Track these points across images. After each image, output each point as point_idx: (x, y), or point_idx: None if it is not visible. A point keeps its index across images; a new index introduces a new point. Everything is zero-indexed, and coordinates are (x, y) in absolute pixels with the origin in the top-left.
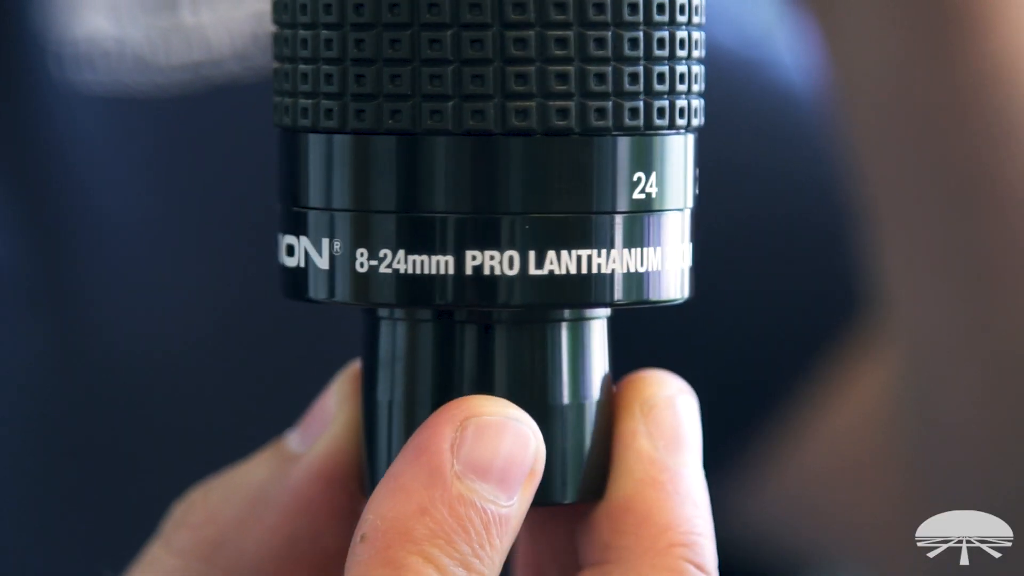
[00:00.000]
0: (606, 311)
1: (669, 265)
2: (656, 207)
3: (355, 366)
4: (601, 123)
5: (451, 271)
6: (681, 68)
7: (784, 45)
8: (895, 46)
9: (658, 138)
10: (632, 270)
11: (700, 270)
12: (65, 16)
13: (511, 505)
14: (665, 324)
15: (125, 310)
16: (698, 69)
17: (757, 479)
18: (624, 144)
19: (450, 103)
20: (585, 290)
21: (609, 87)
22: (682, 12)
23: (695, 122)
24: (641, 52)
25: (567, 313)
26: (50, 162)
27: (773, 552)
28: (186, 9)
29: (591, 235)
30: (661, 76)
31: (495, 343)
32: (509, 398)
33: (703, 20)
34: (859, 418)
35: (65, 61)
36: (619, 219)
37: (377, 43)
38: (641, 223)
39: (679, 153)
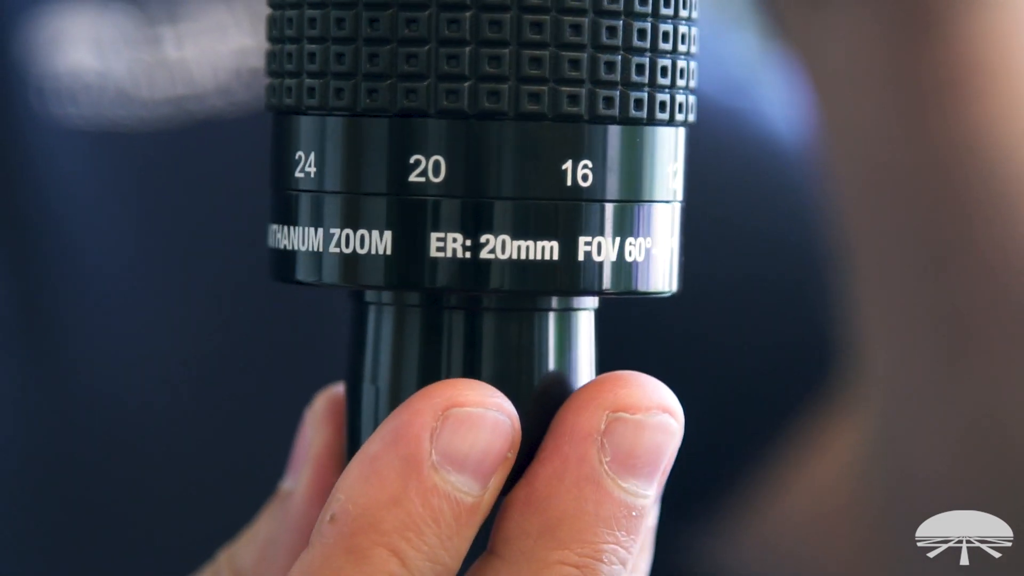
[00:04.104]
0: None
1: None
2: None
3: (327, 391)
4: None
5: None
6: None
7: (768, 93)
8: (880, 106)
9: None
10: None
11: (678, 325)
12: (48, 50)
13: (483, 495)
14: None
15: (106, 346)
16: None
17: (733, 528)
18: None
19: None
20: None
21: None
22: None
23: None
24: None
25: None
26: (31, 196)
27: None
28: (169, 43)
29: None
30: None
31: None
32: (494, 385)
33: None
34: (834, 473)
35: (47, 94)
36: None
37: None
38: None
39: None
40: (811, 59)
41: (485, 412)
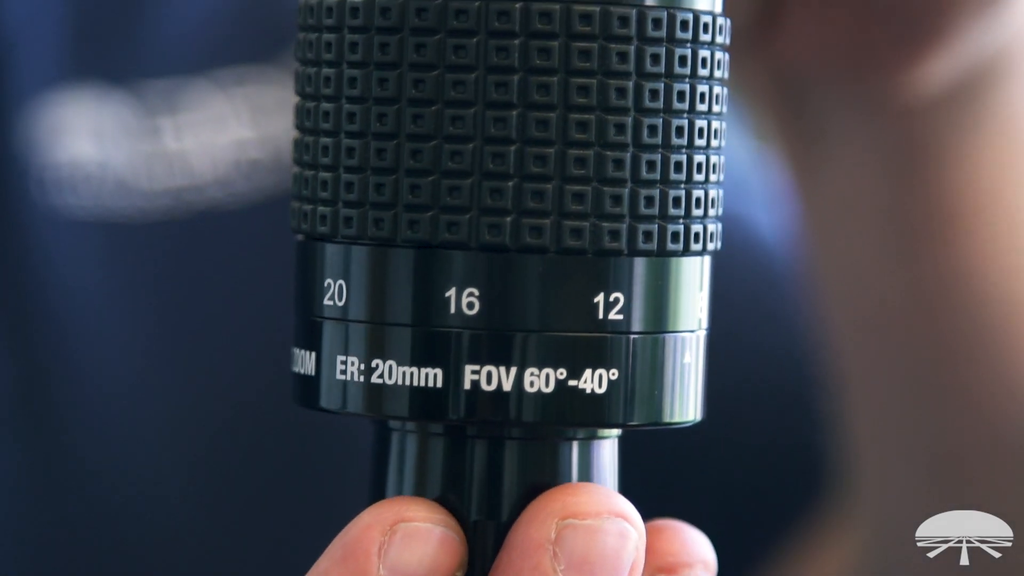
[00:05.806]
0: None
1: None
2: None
3: None
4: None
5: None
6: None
7: (759, 200)
8: (874, 238)
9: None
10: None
11: (668, 436)
12: (48, 140)
13: None
14: (637, 487)
15: (106, 434)
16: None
17: None
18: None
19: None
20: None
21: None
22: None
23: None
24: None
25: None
26: (31, 285)
27: None
28: (169, 135)
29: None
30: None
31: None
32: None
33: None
34: None
35: (48, 185)
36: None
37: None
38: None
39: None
40: (806, 189)
41: (433, 527)
